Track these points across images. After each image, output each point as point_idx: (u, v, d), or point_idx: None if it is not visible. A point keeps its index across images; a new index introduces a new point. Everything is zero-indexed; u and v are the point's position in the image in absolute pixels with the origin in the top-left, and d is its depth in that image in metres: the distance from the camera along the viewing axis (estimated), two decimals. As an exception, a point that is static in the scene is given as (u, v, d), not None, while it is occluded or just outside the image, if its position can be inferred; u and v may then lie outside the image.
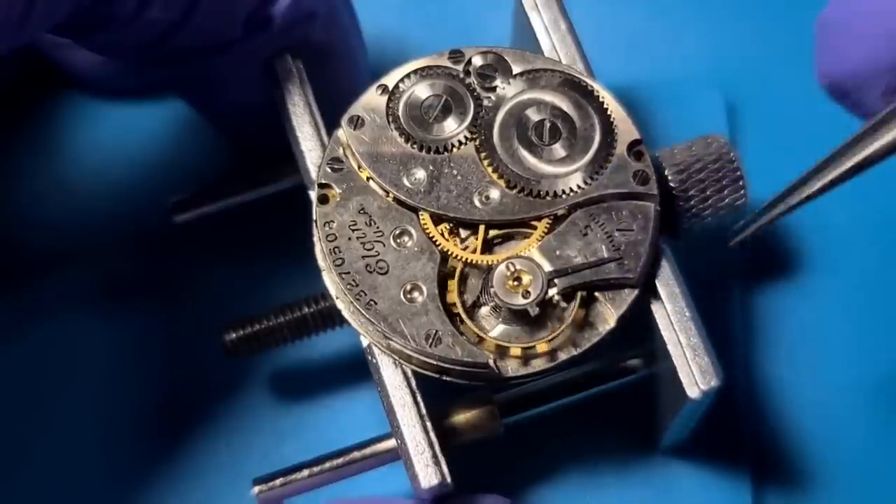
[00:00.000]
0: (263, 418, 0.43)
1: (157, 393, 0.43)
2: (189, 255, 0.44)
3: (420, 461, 0.36)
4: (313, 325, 0.40)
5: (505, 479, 0.41)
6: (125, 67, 0.44)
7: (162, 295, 0.44)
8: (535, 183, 0.37)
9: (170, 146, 0.46)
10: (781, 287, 0.45)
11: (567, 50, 0.40)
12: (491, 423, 0.39)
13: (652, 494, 0.41)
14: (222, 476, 0.42)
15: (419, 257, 0.37)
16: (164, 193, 0.42)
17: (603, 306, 0.37)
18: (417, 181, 0.38)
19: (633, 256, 0.37)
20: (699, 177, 0.39)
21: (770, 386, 0.43)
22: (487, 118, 0.38)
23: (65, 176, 0.45)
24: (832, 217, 0.45)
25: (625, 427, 0.42)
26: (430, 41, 0.46)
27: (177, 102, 0.44)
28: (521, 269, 0.36)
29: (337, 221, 0.37)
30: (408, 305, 0.36)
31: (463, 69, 0.39)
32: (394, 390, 0.36)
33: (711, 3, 0.49)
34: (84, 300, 0.44)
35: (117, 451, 0.42)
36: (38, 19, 0.34)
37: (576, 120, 0.38)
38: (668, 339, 0.36)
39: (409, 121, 0.38)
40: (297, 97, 0.39)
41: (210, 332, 0.41)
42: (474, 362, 0.36)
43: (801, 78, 0.47)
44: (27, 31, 0.34)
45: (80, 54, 0.44)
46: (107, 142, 0.46)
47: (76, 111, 0.46)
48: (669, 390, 0.37)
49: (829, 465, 0.42)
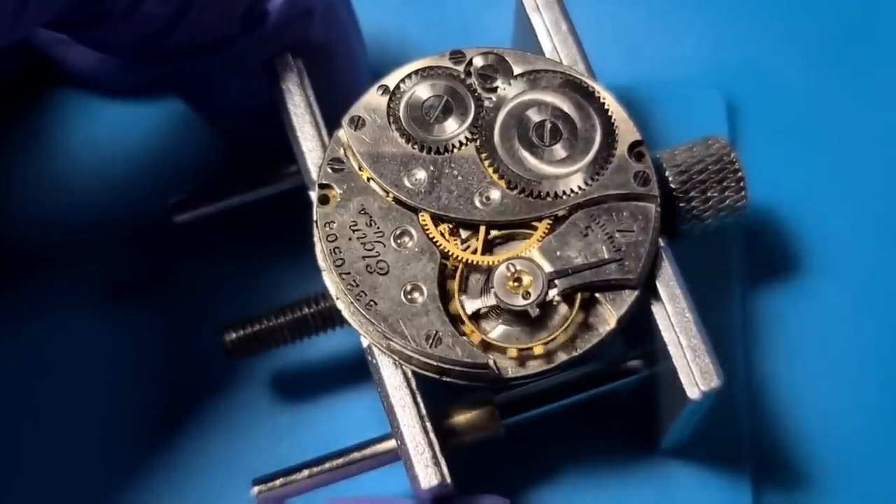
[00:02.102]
0: (263, 418, 0.43)
1: (157, 392, 0.43)
2: (188, 255, 0.44)
3: (420, 462, 0.36)
4: (313, 326, 0.40)
5: (505, 480, 0.41)
6: (123, 65, 0.44)
7: (161, 295, 0.44)
8: (536, 184, 0.37)
9: (169, 146, 0.45)
10: (781, 287, 0.45)
11: (568, 51, 0.40)
12: (491, 424, 0.39)
13: (652, 495, 0.41)
14: (222, 476, 0.42)
15: (419, 258, 0.37)
16: (164, 194, 0.42)
17: (603, 307, 0.37)
18: (418, 182, 0.37)
19: (634, 257, 0.37)
20: (700, 178, 0.39)
21: (770, 386, 0.43)
22: (488, 119, 0.38)
23: (64, 176, 0.45)
24: (832, 217, 0.45)
25: (625, 428, 0.42)
26: (430, 41, 0.46)
27: (175, 102, 0.44)
28: (521, 269, 0.36)
29: (337, 222, 0.37)
30: (408, 306, 0.36)
31: (464, 70, 0.39)
32: (394, 391, 0.36)
33: (711, 3, 0.49)
34: (83, 300, 0.44)
35: (116, 451, 0.42)
36: (33, 14, 0.34)
37: (577, 121, 0.38)
38: (668, 340, 0.36)
39: (409, 121, 0.38)
40: (297, 97, 0.39)
41: (210, 333, 0.41)
42: (474, 363, 0.36)
43: (801, 78, 0.47)
44: (22, 26, 0.34)
45: (77, 52, 0.44)
46: (106, 141, 0.46)
47: (75, 110, 0.46)
48: (670, 391, 0.37)
49: (829, 465, 0.42)
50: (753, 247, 0.45)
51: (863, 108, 0.47)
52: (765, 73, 0.47)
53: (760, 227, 0.45)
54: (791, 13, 0.48)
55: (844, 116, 0.47)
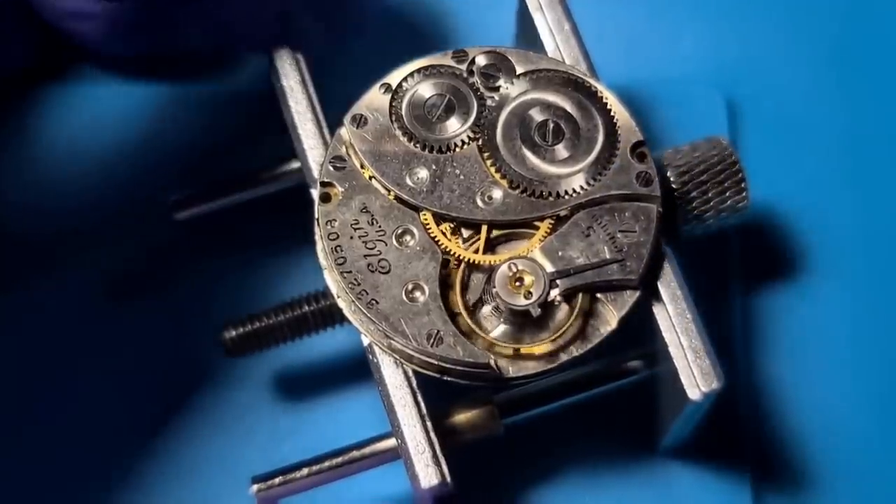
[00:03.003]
0: (263, 416, 0.43)
1: (156, 391, 0.43)
2: (189, 253, 0.44)
3: (420, 461, 0.36)
4: (313, 324, 0.40)
5: (504, 480, 0.41)
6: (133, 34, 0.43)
7: (162, 293, 0.44)
8: (538, 183, 0.37)
9: (171, 144, 0.45)
10: (781, 287, 0.45)
11: (571, 50, 0.40)
12: (491, 424, 0.39)
13: (652, 495, 0.41)
14: (221, 474, 0.42)
15: (421, 257, 0.37)
16: (165, 191, 0.42)
17: (604, 307, 0.37)
18: (420, 180, 0.37)
19: (636, 258, 0.37)
20: (701, 179, 0.39)
21: (770, 387, 0.43)
22: (490, 118, 0.38)
23: (64, 173, 0.45)
24: (832, 217, 0.45)
25: (625, 428, 0.42)
26: (432, 39, 0.46)
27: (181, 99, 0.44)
28: (523, 269, 0.36)
29: (339, 220, 0.37)
30: (409, 305, 0.36)
31: (466, 69, 0.39)
32: (394, 390, 0.36)
33: (711, 3, 0.49)
34: (83, 297, 0.44)
35: (116, 449, 0.42)
36: None
37: (579, 121, 0.38)
38: (669, 341, 0.36)
39: (412, 120, 0.38)
40: (299, 94, 0.39)
41: (210, 330, 0.40)
42: (475, 362, 0.36)
43: (801, 78, 0.47)
44: None
45: (90, 24, 0.44)
46: (107, 139, 0.45)
47: (76, 107, 0.46)
48: (670, 392, 0.37)
49: (829, 466, 0.42)
50: (753, 247, 0.45)
51: (862, 108, 0.47)
52: (765, 73, 0.47)
53: (760, 227, 0.45)
54: (791, 13, 0.48)
55: (844, 116, 0.47)
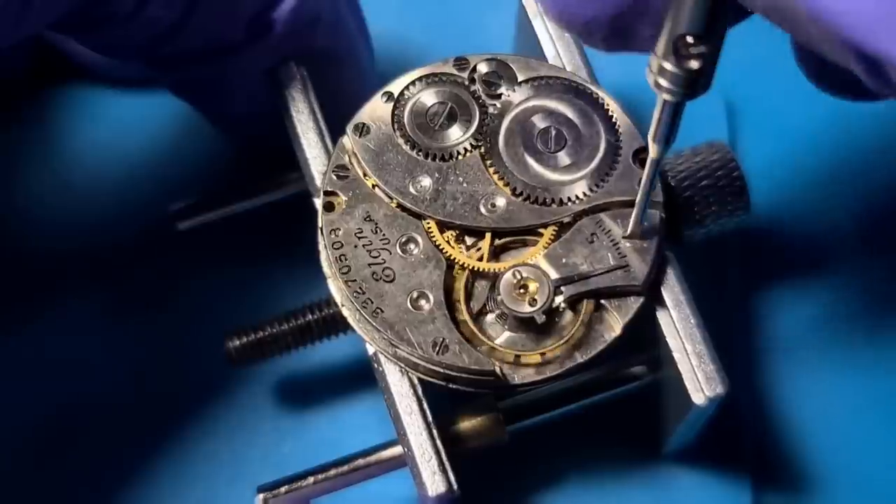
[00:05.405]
0: (267, 425, 0.43)
1: (160, 399, 0.43)
2: (192, 262, 0.44)
3: (427, 468, 0.36)
4: (316, 333, 0.39)
5: (510, 486, 0.41)
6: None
7: (165, 302, 0.44)
8: (541, 190, 0.37)
9: (173, 153, 0.45)
10: (781, 289, 0.45)
11: (571, 57, 0.40)
12: (496, 431, 0.39)
13: (655, 499, 0.41)
14: (226, 483, 0.42)
15: (425, 265, 0.37)
16: (167, 201, 0.42)
17: (609, 314, 0.37)
18: (423, 188, 0.37)
19: (639, 264, 0.37)
20: (703, 184, 0.39)
21: (770, 388, 0.43)
22: (493, 125, 0.38)
23: (67, 182, 0.45)
24: (832, 219, 0.45)
25: (629, 433, 0.42)
26: (431, 44, 0.46)
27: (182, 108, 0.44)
28: (527, 276, 0.36)
29: (343, 229, 0.37)
30: (414, 313, 0.36)
31: (468, 76, 0.39)
32: (400, 398, 0.36)
33: (710, 4, 0.49)
34: (87, 307, 0.44)
35: (120, 456, 0.42)
36: (37, 14, 0.34)
37: (581, 127, 0.38)
38: (673, 347, 0.37)
39: (414, 128, 0.38)
40: (301, 104, 0.39)
41: (213, 340, 0.40)
42: (481, 370, 0.36)
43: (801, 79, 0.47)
44: (26, 27, 0.34)
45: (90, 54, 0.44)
46: (109, 148, 0.46)
47: (79, 115, 0.46)
48: (674, 397, 0.37)
49: (829, 469, 0.42)
50: (754, 249, 0.45)
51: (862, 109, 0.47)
52: (765, 75, 0.47)
53: (760, 230, 0.45)
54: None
55: (843, 118, 0.47)
